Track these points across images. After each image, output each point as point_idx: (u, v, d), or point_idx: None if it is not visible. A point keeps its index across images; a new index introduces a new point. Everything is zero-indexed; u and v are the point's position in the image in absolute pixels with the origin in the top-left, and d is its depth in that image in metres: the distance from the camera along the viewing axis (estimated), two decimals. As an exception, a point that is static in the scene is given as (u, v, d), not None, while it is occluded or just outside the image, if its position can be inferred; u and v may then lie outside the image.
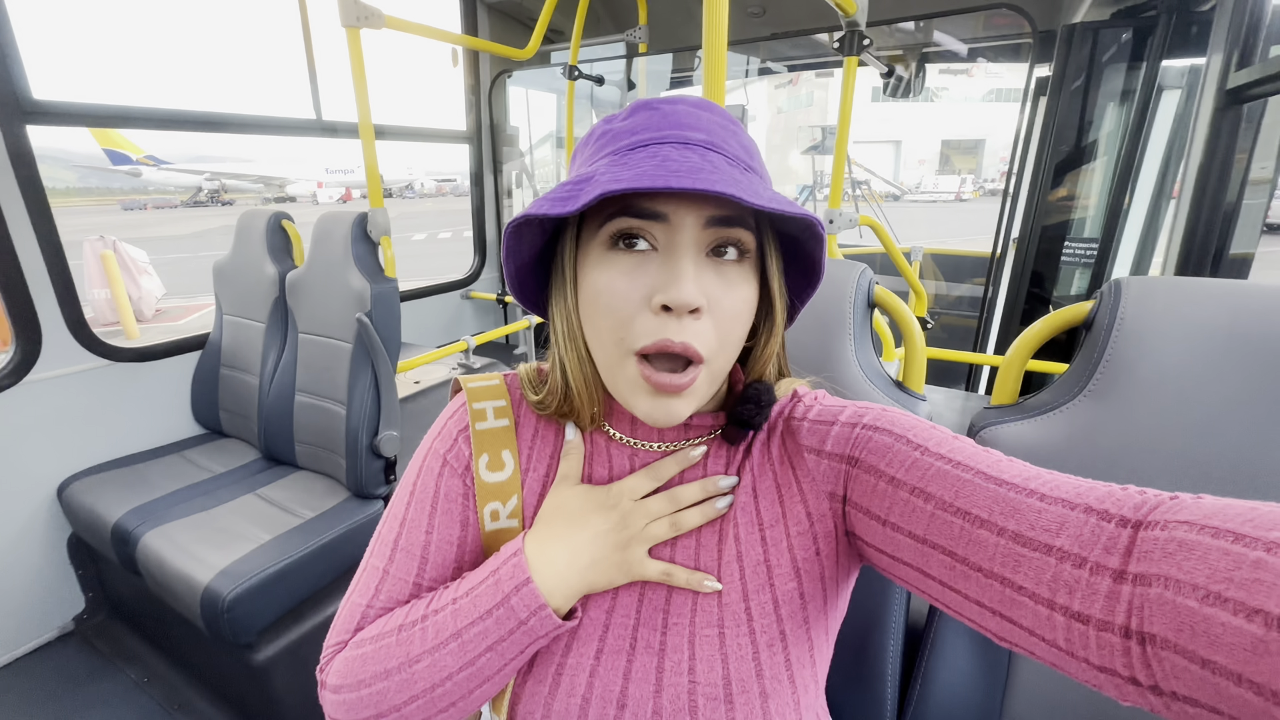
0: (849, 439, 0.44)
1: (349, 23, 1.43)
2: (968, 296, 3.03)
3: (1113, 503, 0.31)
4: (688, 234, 0.40)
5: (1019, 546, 0.32)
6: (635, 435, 0.50)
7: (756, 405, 0.46)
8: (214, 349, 1.82)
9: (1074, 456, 0.60)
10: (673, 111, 0.42)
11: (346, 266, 1.53)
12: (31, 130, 1.42)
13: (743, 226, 0.41)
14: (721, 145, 0.41)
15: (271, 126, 1.99)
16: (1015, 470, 0.36)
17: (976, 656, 0.66)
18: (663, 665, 0.44)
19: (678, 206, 0.40)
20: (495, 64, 2.71)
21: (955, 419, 1.49)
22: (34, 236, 1.44)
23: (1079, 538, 0.31)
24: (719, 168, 0.38)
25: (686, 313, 0.39)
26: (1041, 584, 0.31)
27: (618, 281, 0.41)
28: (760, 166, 0.44)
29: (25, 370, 1.47)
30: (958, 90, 28.28)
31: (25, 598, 1.54)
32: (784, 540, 0.45)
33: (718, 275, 0.41)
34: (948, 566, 0.36)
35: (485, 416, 0.52)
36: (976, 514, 0.35)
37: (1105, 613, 0.28)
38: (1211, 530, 0.26)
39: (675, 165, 0.37)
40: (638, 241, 0.41)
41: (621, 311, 0.41)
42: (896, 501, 0.39)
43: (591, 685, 0.44)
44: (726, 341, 0.42)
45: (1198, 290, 0.57)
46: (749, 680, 0.42)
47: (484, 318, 2.97)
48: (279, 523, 1.38)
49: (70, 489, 1.52)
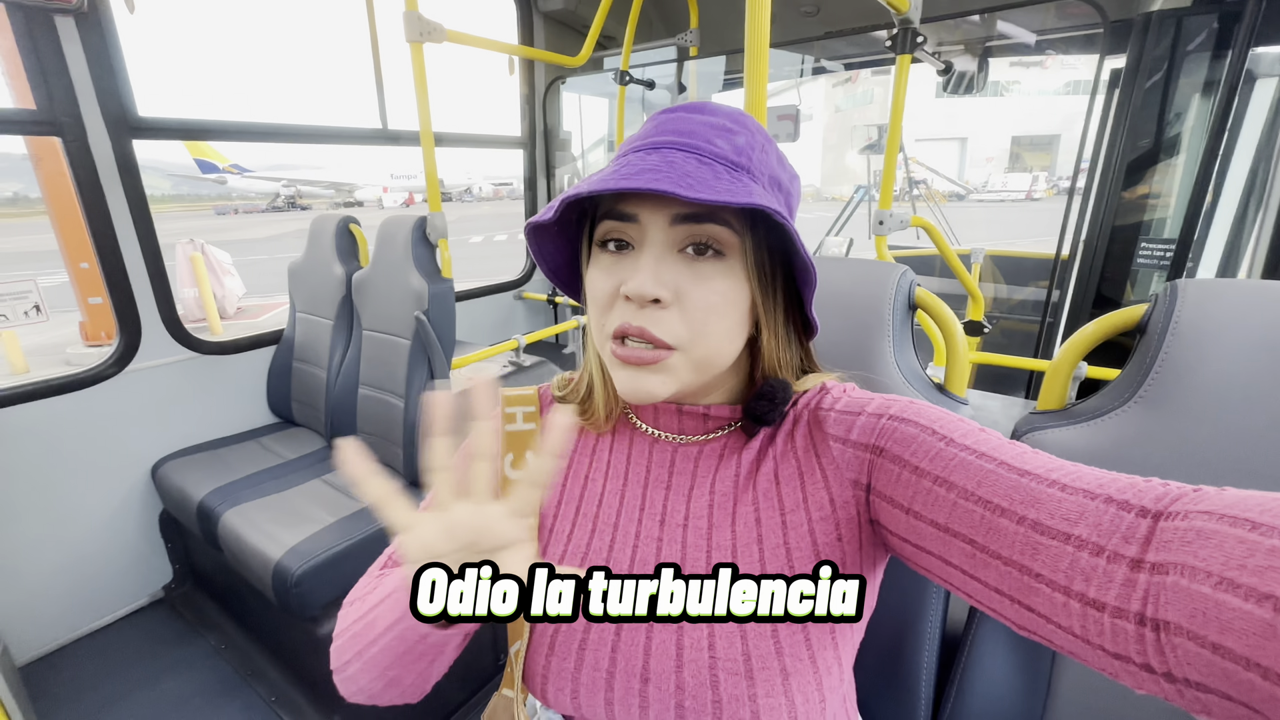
0: (874, 428, 0.45)
1: (413, 38, 1.52)
2: (1030, 300, 2.89)
3: (1134, 493, 0.31)
4: (655, 232, 0.43)
5: (1038, 535, 0.33)
6: (658, 426, 0.53)
7: (771, 402, 0.48)
8: (288, 344, 1.96)
9: (1123, 465, 0.57)
10: (669, 118, 0.45)
11: (407, 267, 1.61)
12: (136, 144, 1.58)
13: (715, 223, 0.42)
14: (700, 145, 0.43)
15: (342, 136, 2.12)
16: (1039, 461, 0.36)
17: (1016, 666, 0.64)
18: (682, 641, 0.45)
19: (645, 208, 0.43)
20: (549, 71, 2.79)
21: (1009, 427, 1.43)
22: (136, 240, 1.60)
23: (1098, 527, 0.31)
24: (677, 166, 0.40)
25: (648, 302, 0.42)
26: (1059, 571, 0.31)
27: (599, 278, 0.46)
28: (757, 164, 0.44)
29: (127, 360, 1.64)
30: (1030, 83, 26.80)
31: (122, 566, 1.70)
32: (805, 524, 0.46)
33: (690, 270, 0.43)
34: (968, 555, 0.36)
35: (515, 420, 0.57)
36: (997, 503, 0.35)
37: (1120, 600, 0.29)
38: (1230, 519, 0.26)
39: (631, 169, 0.40)
40: (625, 243, 0.45)
41: (600, 303, 0.46)
42: (920, 490, 0.39)
43: (614, 660, 0.46)
44: (704, 332, 0.43)
45: (1260, 292, 0.54)
46: (769, 657, 0.43)
47: (535, 317, 3.05)
48: (342, 507, 1.47)
49: (163, 469, 1.68)
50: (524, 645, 0.49)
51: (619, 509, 0.52)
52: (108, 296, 1.59)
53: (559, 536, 0.53)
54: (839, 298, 0.73)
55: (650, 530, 0.50)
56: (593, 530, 0.52)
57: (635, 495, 0.52)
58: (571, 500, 0.54)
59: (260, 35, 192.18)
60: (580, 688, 0.47)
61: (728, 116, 0.45)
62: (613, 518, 0.52)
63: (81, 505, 1.61)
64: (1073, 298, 2.01)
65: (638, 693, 0.45)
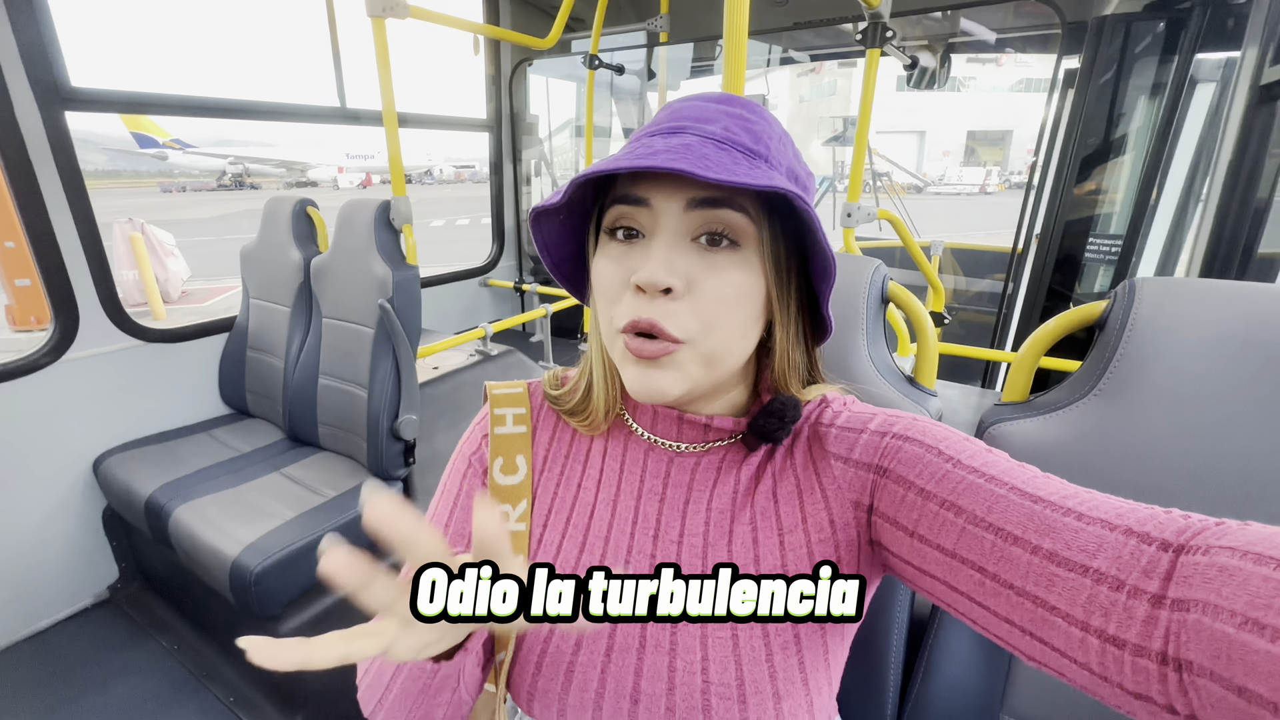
0: (878, 448, 0.43)
1: (375, 13, 1.45)
2: (987, 292, 3.00)
3: (1154, 525, 0.30)
4: (669, 218, 0.41)
5: (1053, 566, 0.31)
6: (655, 431, 0.50)
7: (779, 419, 0.46)
8: (241, 332, 1.87)
9: (1081, 456, 0.60)
10: (683, 105, 0.44)
11: (369, 253, 1.56)
12: (68, 116, 1.47)
13: (731, 208, 0.40)
14: (716, 131, 0.41)
15: (297, 114, 2.02)
16: (1052, 488, 0.35)
17: (978, 649, 0.67)
18: (674, 664, 0.44)
19: (659, 191, 0.41)
20: (516, 53, 2.72)
21: (969, 416, 1.48)
22: (71, 219, 1.49)
23: (1118, 560, 0.30)
24: (693, 149, 0.38)
25: (659, 293, 0.40)
26: (1076, 605, 0.30)
27: (608, 267, 0.43)
28: (775, 153, 0.43)
29: (64, 349, 1.53)
30: (985, 80, 27.59)
31: (62, 566, 1.61)
32: (803, 545, 0.45)
33: (703, 260, 0.41)
34: (977, 582, 0.35)
35: (504, 422, 0.55)
36: (1010, 530, 0.34)
37: (1141, 638, 0.27)
38: (1255, 556, 0.25)
39: (647, 150, 0.39)
40: (635, 231, 0.43)
41: (610, 293, 0.43)
42: (926, 514, 0.38)
43: (604, 681, 0.45)
44: (715, 325, 0.42)
45: (1215, 292, 0.57)
46: (762, 681, 0.42)
47: (501, 305, 3.00)
48: (303, 501, 1.42)
49: (105, 464, 1.58)
50: (508, 656, 0.47)
51: (610, 521, 0.50)
52: (39, 279, 1.48)
53: (548, 548, 0.51)
54: (815, 292, 0.73)
55: (643, 546, 0.49)
56: (583, 545, 0.50)
57: (628, 507, 0.50)
58: (562, 510, 0.52)
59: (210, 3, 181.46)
60: (568, 709, 0.46)
61: (744, 106, 0.44)
62: (604, 531, 0.50)
63: (16, 503, 1.51)
64: (1027, 290, 2.09)
65: (627, 713, 0.44)
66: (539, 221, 0.46)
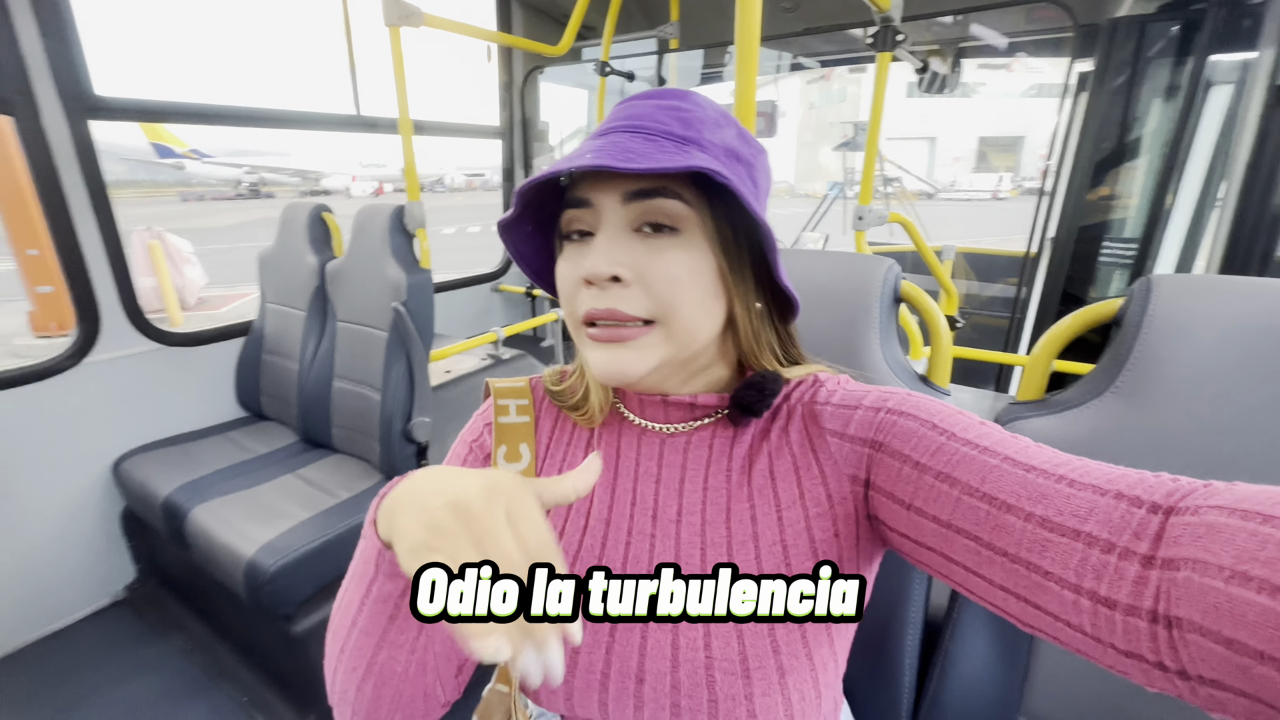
0: (873, 423, 0.44)
1: (391, 21, 1.48)
2: (1000, 296, 2.97)
3: (1144, 489, 0.31)
4: (608, 214, 0.44)
5: (1046, 531, 0.32)
6: (644, 417, 0.53)
7: (760, 392, 0.47)
8: (257, 336, 1.90)
9: (1098, 453, 0.58)
10: (622, 107, 0.46)
11: (384, 257, 1.58)
12: (93, 125, 1.50)
13: (666, 196, 0.43)
14: (645, 125, 0.43)
15: (313, 122, 2.06)
16: (1044, 456, 0.36)
17: (996, 648, 0.66)
18: (678, 641, 0.44)
19: (597, 191, 0.44)
20: (528, 60, 2.75)
21: (982, 418, 1.47)
22: (96, 226, 1.53)
23: (1108, 523, 0.30)
24: (620, 144, 0.41)
25: (608, 282, 0.43)
26: (1069, 569, 0.31)
27: (564, 267, 0.46)
28: (708, 137, 0.44)
29: (85, 352, 1.56)
30: (996, 86, 27.47)
31: (81, 566, 1.63)
32: (801, 521, 0.46)
33: (646, 247, 0.43)
34: (972, 551, 0.35)
35: (508, 412, 0.57)
36: (1003, 499, 0.34)
37: (1132, 597, 0.28)
38: (1241, 513, 0.26)
39: (578, 153, 0.41)
40: (588, 233, 0.45)
41: (567, 291, 0.46)
42: (921, 486, 0.39)
43: (609, 661, 0.45)
44: (672, 304, 0.43)
45: (1232, 289, 0.57)
46: (765, 655, 0.43)
47: (513, 310, 3.02)
48: (317, 502, 1.44)
49: (124, 465, 1.61)
50: None
51: (610, 504, 0.51)
52: (64, 284, 1.51)
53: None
54: (826, 291, 0.73)
55: (643, 526, 0.50)
56: (585, 528, 0.51)
57: (626, 489, 0.51)
58: None
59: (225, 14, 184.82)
60: (574, 690, 0.46)
61: (678, 96, 0.46)
62: (604, 513, 0.51)
63: (37, 504, 1.54)
64: (1041, 294, 2.07)
65: (632, 693, 0.45)
66: (506, 235, 0.49)
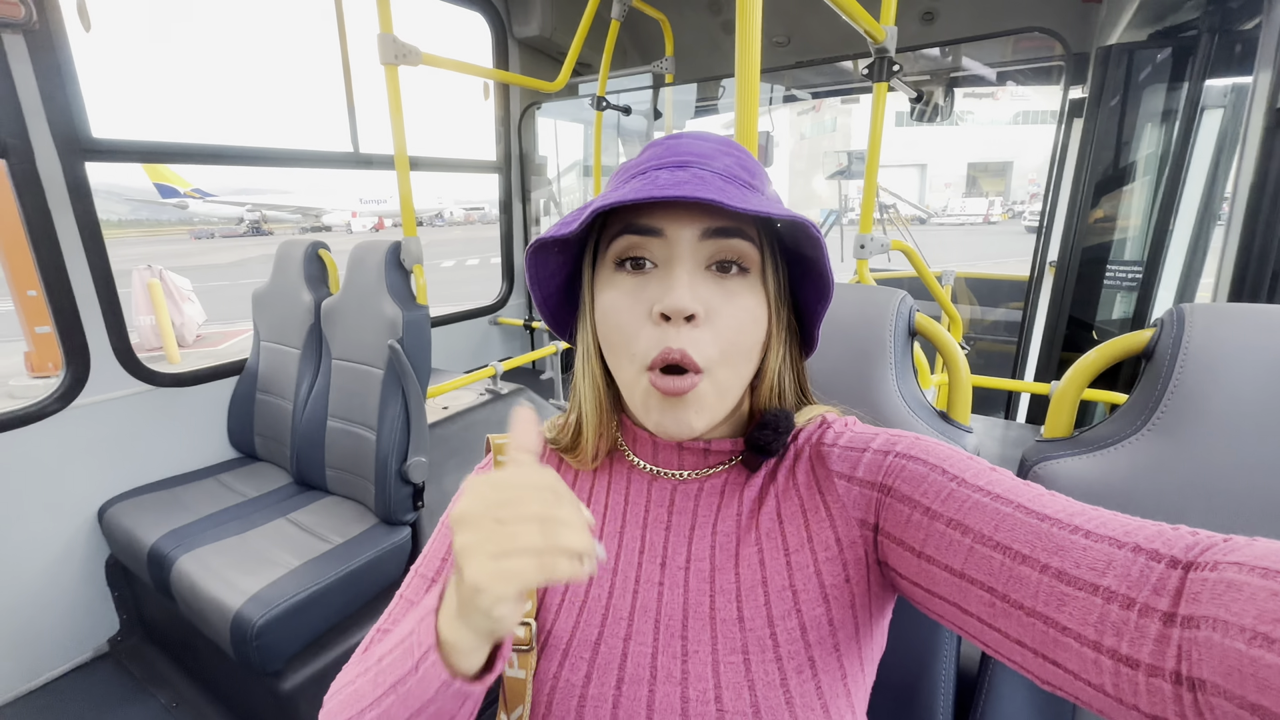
0: (881, 466, 0.43)
1: (388, 60, 1.48)
2: (1003, 321, 2.96)
3: (1163, 542, 0.30)
4: (684, 247, 0.42)
5: (1063, 585, 0.31)
6: (656, 462, 0.51)
7: (774, 431, 0.46)
8: (251, 374, 1.86)
9: (1139, 495, 0.56)
10: (676, 143, 0.45)
11: (380, 294, 1.55)
12: (90, 167, 1.50)
13: (741, 238, 0.43)
14: (717, 165, 0.43)
15: (312, 160, 2.06)
16: (1058, 505, 0.34)
17: (1036, 710, 0.61)
18: (687, 694, 0.42)
19: (672, 221, 0.42)
20: (525, 96, 2.78)
21: (997, 449, 1.43)
22: (87, 267, 1.51)
23: (1127, 577, 0.29)
24: (707, 181, 0.41)
25: (683, 320, 0.41)
26: (1088, 625, 0.29)
27: (623, 300, 0.44)
28: (763, 185, 0.46)
29: (74, 395, 1.53)
30: (983, 113, 28.13)
31: (63, 618, 1.57)
32: (810, 565, 0.44)
33: (718, 287, 0.43)
34: (987, 603, 0.34)
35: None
36: (1018, 549, 0.33)
37: (1155, 657, 0.27)
38: (1261, 570, 0.25)
39: (664, 181, 0.40)
40: (644, 262, 0.43)
41: (628, 327, 0.43)
42: (932, 533, 0.38)
43: (615, 716, 0.43)
44: (731, 352, 0.43)
45: (1270, 317, 0.54)
46: (779, 708, 0.41)
47: (511, 343, 2.99)
48: (308, 548, 1.38)
49: (110, 511, 1.56)
50: (525, 711, 0.46)
51: (618, 552, 0.50)
52: (54, 326, 1.49)
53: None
54: (839, 325, 0.70)
55: (651, 574, 0.48)
56: (592, 576, 0.48)
57: (634, 537, 0.50)
58: None
59: (225, 56, 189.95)
60: None
61: (735, 145, 0.47)
62: (611, 561, 0.50)
63: (19, 554, 1.48)
64: (1047, 318, 2.05)
65: None
66: (540, 253, 0.46)
